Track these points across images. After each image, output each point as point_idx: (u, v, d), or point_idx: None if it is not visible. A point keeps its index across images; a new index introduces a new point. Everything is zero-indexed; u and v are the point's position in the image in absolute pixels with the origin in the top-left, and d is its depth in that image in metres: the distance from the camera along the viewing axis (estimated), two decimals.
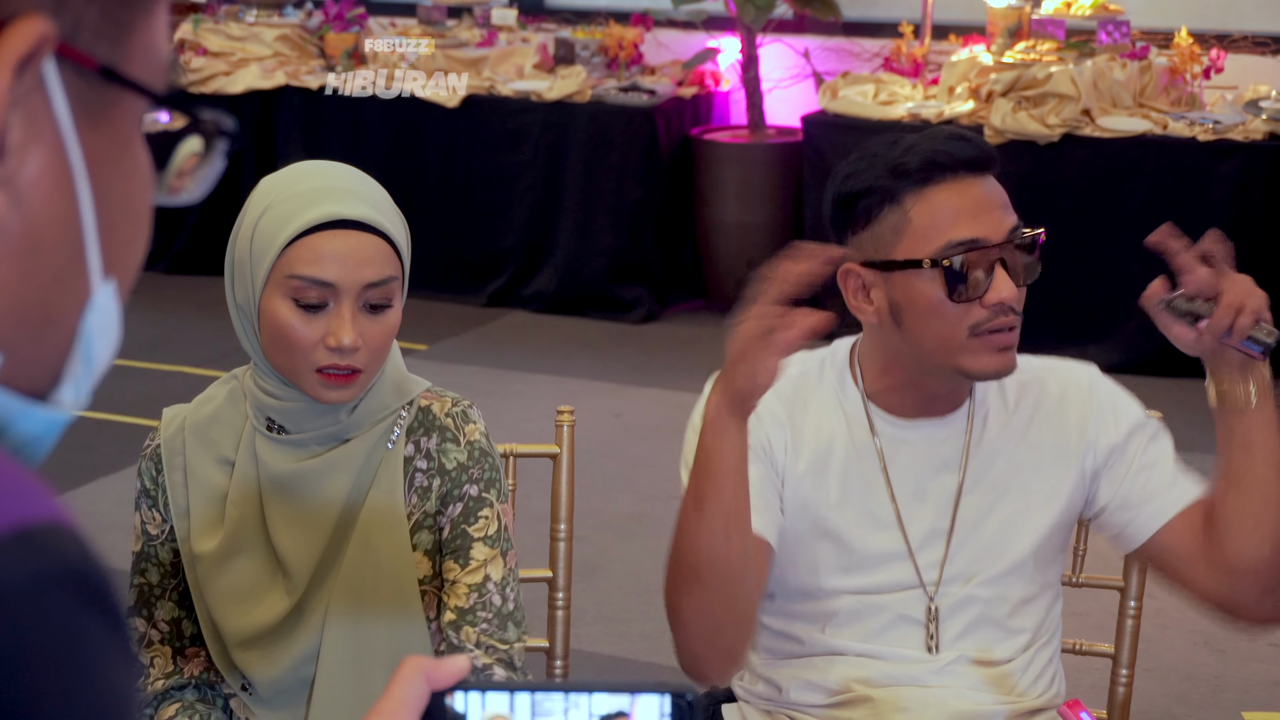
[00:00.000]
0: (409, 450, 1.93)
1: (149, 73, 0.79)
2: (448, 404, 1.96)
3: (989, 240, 1.92)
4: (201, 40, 7.28)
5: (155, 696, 1.97)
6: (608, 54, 6.91)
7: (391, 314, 1.86)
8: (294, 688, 1.91)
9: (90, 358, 0.80)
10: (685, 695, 0.90)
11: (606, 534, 4.48)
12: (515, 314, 6.75)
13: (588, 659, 3.71)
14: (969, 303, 1.92)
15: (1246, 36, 6.50)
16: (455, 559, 1.92)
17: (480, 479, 1.93)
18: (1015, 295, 1.93)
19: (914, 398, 2.03)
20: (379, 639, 1.89)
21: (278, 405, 1.88)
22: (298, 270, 1.81)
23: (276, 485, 1.89)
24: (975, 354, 1.93)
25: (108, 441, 5.11)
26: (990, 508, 2.02)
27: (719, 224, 6.65)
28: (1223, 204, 5.81)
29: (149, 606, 1.97)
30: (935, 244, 1.92)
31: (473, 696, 0.91)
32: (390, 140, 6.86)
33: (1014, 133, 5.92)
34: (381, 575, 1.89)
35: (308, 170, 1.89)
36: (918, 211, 1.93)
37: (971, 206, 1.93)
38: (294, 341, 1.82)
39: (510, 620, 1.92)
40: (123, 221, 0.80)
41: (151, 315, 6.54)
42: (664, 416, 5.36)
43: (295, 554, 1.88)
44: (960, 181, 1.93)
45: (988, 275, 1.92)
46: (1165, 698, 3.66)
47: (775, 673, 2.07)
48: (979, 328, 1.92)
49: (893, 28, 6.73)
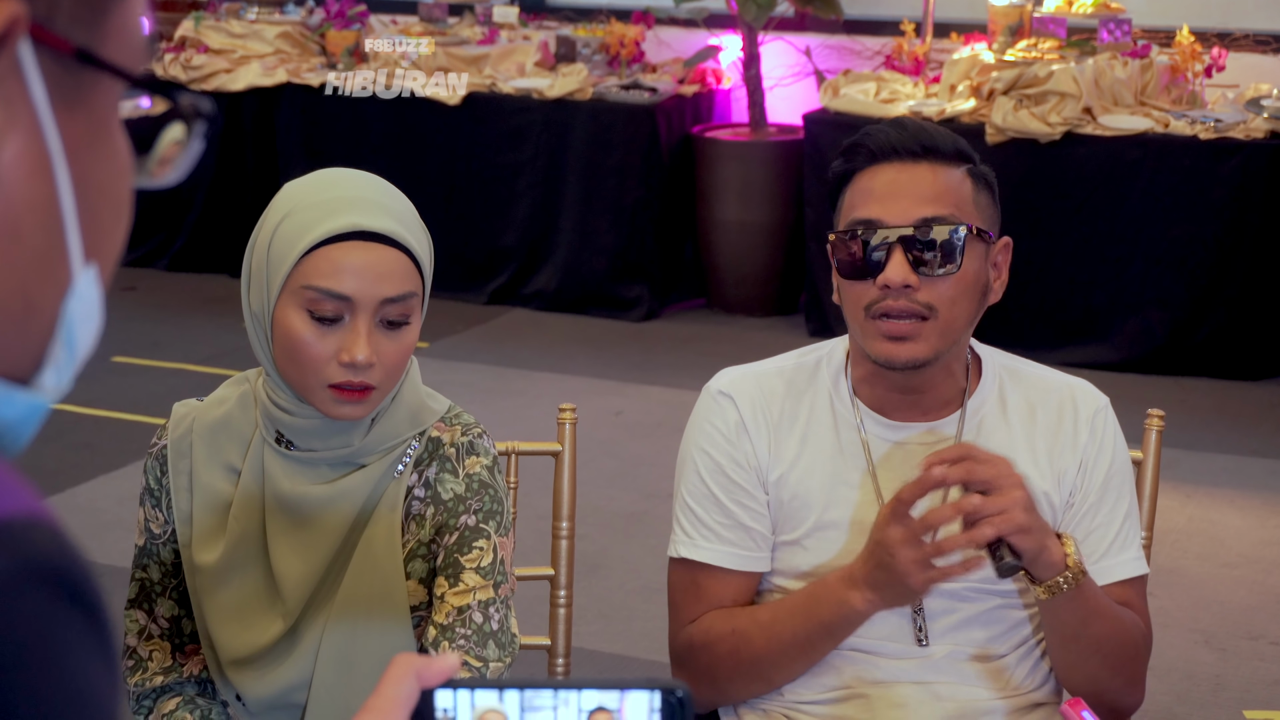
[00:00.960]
0: (412, 479, 1.89)
1: (126, 56, 0.78)
2: (456, 433, 1.91)
3: (885, 222, 1.95)
4: (203, 38, 7.28)
5: (154, 690, 1.96)
6: (609, 52, 6.91)
7: (409, 331, 1.81)
8: (285, 711, 1.89)
9: (72, 343, 0.79)
10: (675, 691, 0.89)
11: (607, 532, 4.48)
12: (516, 312, 6.75)
13: (589, 657, 3.71)
14: (862, 280, 1.96)
15: (1248, 35, 6.50)
16: (445, 577, 1.87)
17: (478, 510, 1.87)
18: (903, 280, 1.93)
19: (892, 396, 2.04)
20: (373, 668, 1.85)
21: (289, 420, 1.83)
22: (314, 281, 1.76)
23: (281, 505, 1.85)
24: (871, 337, 1.97)
25: (109, 439, 5.11)
26: None
27: (720, 222, 6.64)
28: (1223, 203, 5.81)
29: (150, 601, 1.96)
30: (844, 221, 1.99)
31: (462, 694, 0.91)
32: (391, 138, 6.86)
33: (1015, 131, 5.92)
34: (374, 605, 1.85)
35: (333, 178, 1.83)
36: (849, 192, 2.00)
37: (881, 189, 1.97)
38: (306, 355, 1.77)
39: (492, 639, 1.85)
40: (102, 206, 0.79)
41: (153, 313, 6.54)
42: (665, 414, 5.36)
43: (292, 577, 1.85)
44: (887, 165, 1.98)
45: (886, 258, 1.94)
46: (1166, 696, 3.66)
47: None
48: (872, 308, 1.95)
49: (894, 26, 6.73)
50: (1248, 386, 5.83)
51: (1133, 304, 5.96)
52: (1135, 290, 5.96)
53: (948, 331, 1.97)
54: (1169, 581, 4.20)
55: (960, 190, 1.98)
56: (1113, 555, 2.03)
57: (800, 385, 2.08)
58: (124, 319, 6.43)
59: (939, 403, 2.04)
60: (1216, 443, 5.25)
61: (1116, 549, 2.03)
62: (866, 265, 1.95)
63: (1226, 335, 5.87)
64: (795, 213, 6.51)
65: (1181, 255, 5.87)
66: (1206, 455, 5.13)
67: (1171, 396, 5.57)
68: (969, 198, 1.98)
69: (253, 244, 1.83)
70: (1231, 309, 5.86)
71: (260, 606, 1.87)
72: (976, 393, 2.06)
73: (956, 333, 1.98)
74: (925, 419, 2.04)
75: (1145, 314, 5.94)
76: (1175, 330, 5.88)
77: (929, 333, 1.95)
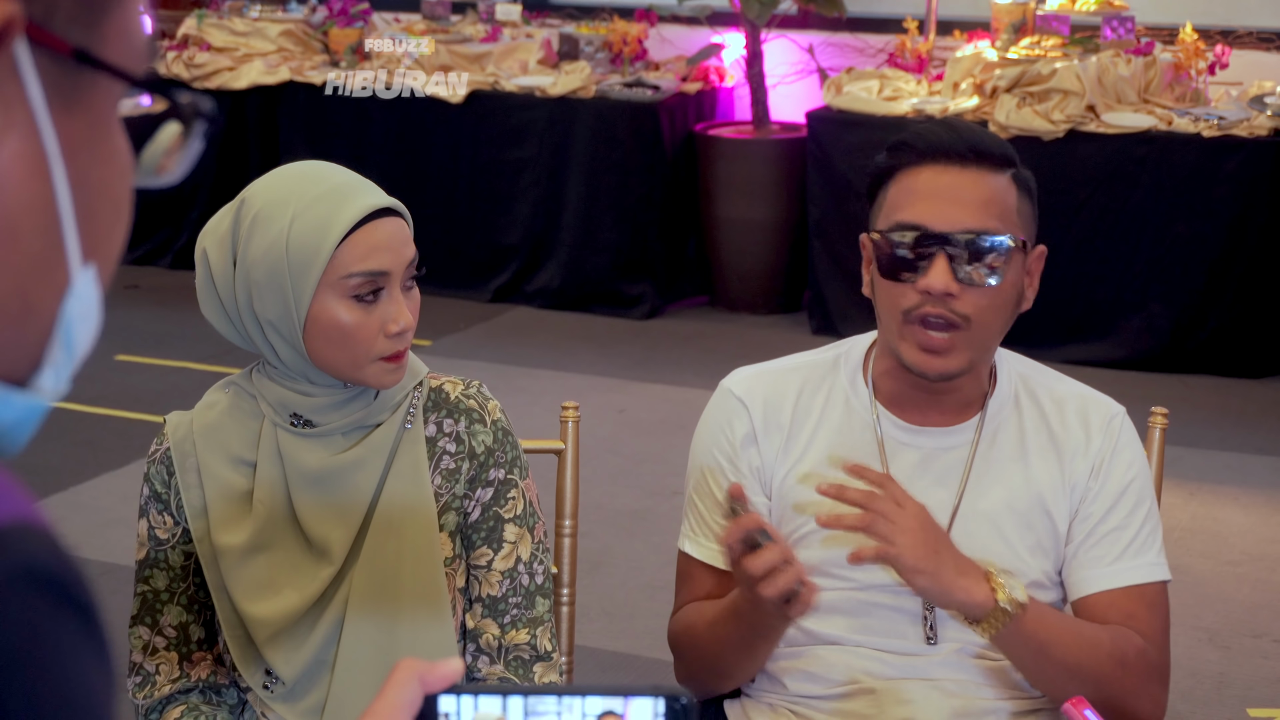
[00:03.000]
0: (430, 430, 1.95)
1: (125, 56, 0.78)
2: (460, 385, 1.99)
3: (931, 227, 1.93)
4: (205, 36, 7.28)
5: (161, 701, 1.97)
6: (612, 49, 6.91)
7: (416, 289, 1.90)
8: (316, 671, 1.91)
9: (70, 344, 0.79)
10: (680, 699, 0.89)
11: (610, 529, 4.47)
12: (519, 309, 6.75)
13: (591, 655, 3.70)
14: (902, 283, 1.94)
15: (1251, 32, 6.49)
16: (488, 544, 1.96)
17: (505, 461, 1.97)
18: (944, 288, 1.91)
19: (915, 395, 2.03)
20: (401, 620, 1.90)
21: (308, 401, 1.89)
22: (354, 268, 1.82)
23: (308, 481, 1.89)
24: (905, 341, 1.95)
25: (111, 437, 5.11)
26: (985, 529, 2.01)
27: (723, 220, 6.64)
28: (1227, 200, 5.80)
29: (154, 614, 1.97)
30: (888, 221, 1.96)
31: (465, 699, 0.91)
32: (394, 136, 6.86)
33: (1018, 129, 5.91)
34: (405, 556, 1.90)
35: (306, 173, 1.87)
36: (892, 189, 1.97)
37: (927, 191, 1.94)
38: (358, 338, 1.83)
39: (539, 594, 1.98)
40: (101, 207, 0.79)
41: (155, 311, 6.54)
42: (668, 412, 5.36)
43: (332, 540, 1.89)
44: (935, 167, 1.95)
45: (929, 263, 1.92)
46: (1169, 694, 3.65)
47: (776, 665, 2.08)
48: (910, 313, 1.94)
49: (897, 23, 6.72)
50: (1251, 384, 5.83)
51: (1136, 301, 5.95)
52: (1138, 288, 5.95)
53: (981, 342, 1.96)
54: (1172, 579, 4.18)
55: (1006, 199, 1.96)
56: (1128, 559, 2.01)
57: (815, 381, 2.08)
58: (127, 317, 6.44)
59: (958, 405, 2.04)
60: (1220, 440, 5.25)
61: (1132, 554, 2.01)
62: (908, 268, 1.93)
63: (1230, 333, 5.87)
64: (798, 210, 6.50)
65: (1185, 253, 5.87)
66: (1210, 453, 5.12)
67: (1175, 394, 5.56)
68: (1013, 206, 1.96)
69: (245, 261, 1.83)
70: (1235, 307, 5.85)
71: (293, 577, 1.90)
72: (993, 397, 2.05)
73: (989, 343, 1.98)
74: (943, 420, 2.04)
75: (1148, 311, 5.94)
76: (1178, 328, 5.88)
77: (963, 345, 1.94)
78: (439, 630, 1.91)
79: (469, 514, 1.96)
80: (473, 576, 1.97)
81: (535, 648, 1.97)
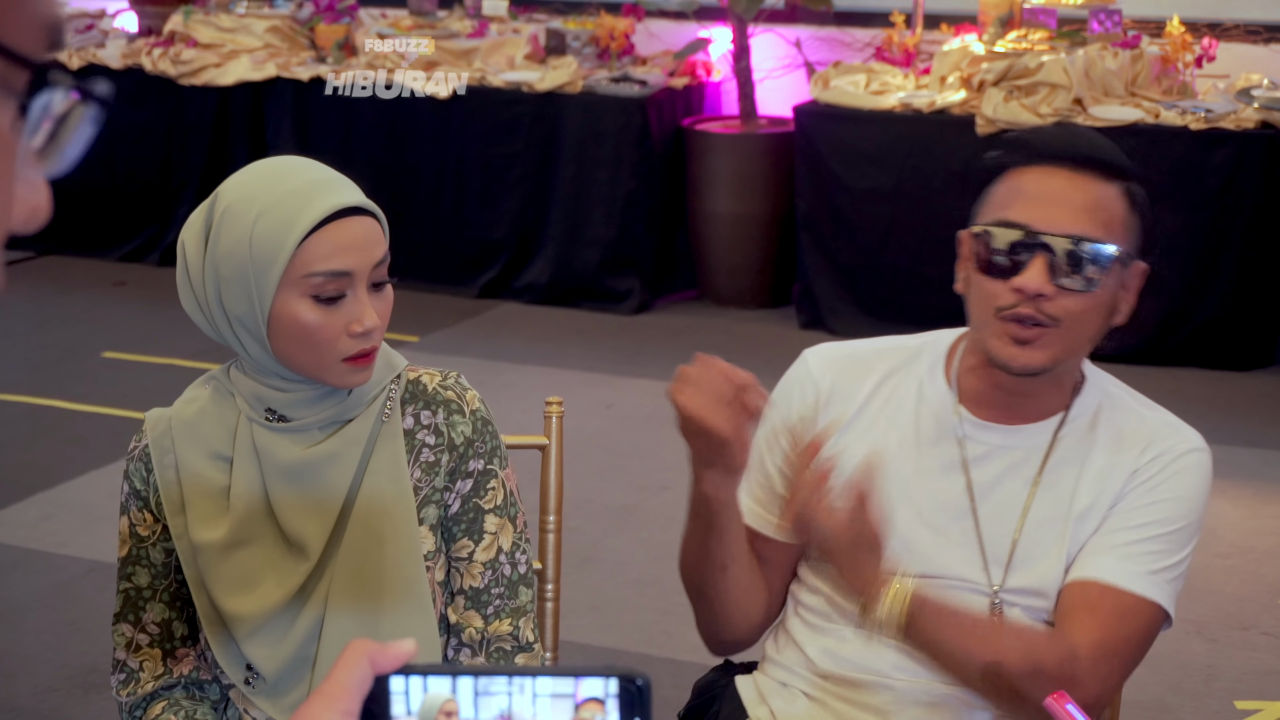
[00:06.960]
0: (408, 423, 1.94)
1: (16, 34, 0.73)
2: (438, 376, 1.98)
3: (1035, 228, 1.91)
4: (192, 32, 7.27)
5: (144, 698, 1.97)
6: (599, 44, 6.90)
7: (389, 288, 1.89)
8: (297, 666, 1.90)
9: None
10: (635, 680, 0.88)
11: (598, 525, 4.47)
12: (507, 305, 6.74)
13: (578, 650, 3.69)
14: (998, 281, 1.93)
15: (1238, 25, 6.49)
16: (469, 536, 1.96)
17: (484, 451, 1.96)
18: (1038, 289, 1.90)
19: (997, 394, 2.01)
20: (383, 615, 1.89)
21: (282, 397, 1.88)
22: (315, 268, 1.80)
23: (284, 475, 1.88)
24: (996, 336, 1.94)
25: (99, 434, 5.10)
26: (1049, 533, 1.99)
27: (711, 214, 6.64)
28: (1215, 193, 5.81)
29: (137, 611, 1.96)
30: (991, 218, 1.96)
31: (414, 680, 0.90)
32: (382, 131, 6.85)
33: (1005, 122, 5.91)
34: (385, 551, 1.89)
35: (279, 169, 1.86)
36: (1000, 187, 1.97)
37: (1035, 192, 1.93)
38: (320, 338, 1.82)
39: (522, 583, 1.98)
40: None
41: (143, 308, 6.53)
42: (656, 407, 5.35)
43: (308, 535, 1.89)
44: (1045, 169, 1.94)
45: (1027, 263, 1.91)
46: (1157, 687, 3.66)
47: (804, 634, 2.07)
48: (1003, 310, 1.93)
49: (884, 17, 6.72)
50: (1240, 376, 5.84)
51: None
52: None
53: (1069, 345, 1.95)
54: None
55: (1113, 209, 1.95)
56: (1123, 560, 1.96)
57: (895, 364, 2.09)
58: (114, 314, 6.43)
59: (1036, 412, 2.03)
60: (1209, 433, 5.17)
61: (1131, 557, 1.96)
62: (1006, 266, 1.93)
63: (1218, 326, 5.87)
64: (787, 204, 6.50)
65: (1173, 246, 5.86)
66: None
67: (1163, 387, 5.56)
68: (1120, 218, 1.95)
69: (213, 256, 1.82)
70: (1223, 300, 5.86)
71: (271, 572, 1.89)
72: (1074, 407, 2.03)
73: (1077, 348, 1.97)
74: (1016, 423, 2.03)
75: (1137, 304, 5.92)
76: (1167, 321, 5.88)
77: (1051, 341, 1.93)
78: (421, 625, 1.91)
79: (449, 506, 1.95)
80: (454, 569, 1.97)
81: (518, 638, 1.97)
